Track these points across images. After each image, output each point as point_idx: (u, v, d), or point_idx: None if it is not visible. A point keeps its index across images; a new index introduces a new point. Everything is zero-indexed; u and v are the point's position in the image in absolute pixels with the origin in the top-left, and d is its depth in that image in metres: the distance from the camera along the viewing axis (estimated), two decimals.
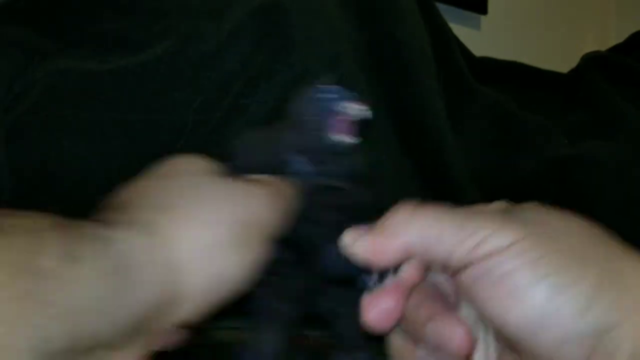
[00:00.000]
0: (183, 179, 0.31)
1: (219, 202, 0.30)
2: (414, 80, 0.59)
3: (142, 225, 0.28)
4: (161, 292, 0.27)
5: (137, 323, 0.26)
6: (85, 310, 0.24)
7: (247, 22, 0.53)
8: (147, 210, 0.29)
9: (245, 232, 0.30)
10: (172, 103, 0.50)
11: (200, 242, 0.28)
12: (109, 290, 0.24)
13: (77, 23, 0.53)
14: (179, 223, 0.28)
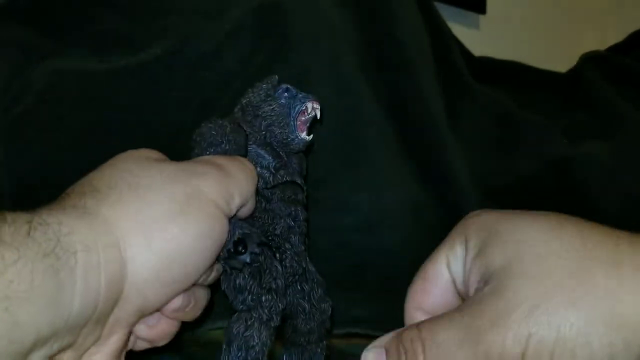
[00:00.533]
0: (124, 165, 0.31)
1: (158, 179, 0.30)
2: (413, 80, 0.59)
3: (77, 208, 0.28)
4: (104, 273, 0.27)
5: (83, 311, 0.26)
6: (17, 298, 0.23)
7: (247, 22, 0.52)
8: (84, 195, 0.29)
9: (188, 205, 0.30)
10: (171, 103, 0.50)
11: (139, 218, 0.29)
12: (41, 274, 0.24)
13: (76, 23, 0.53)
14: (116, 204, 0.29)
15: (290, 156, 0.40)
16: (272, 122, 0.38)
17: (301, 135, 0.38)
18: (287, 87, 0.39)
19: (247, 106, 0.40)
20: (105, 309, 0.28)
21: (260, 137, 0.38)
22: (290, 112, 0.38)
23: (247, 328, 0.34)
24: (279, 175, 0.38)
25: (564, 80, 0.84)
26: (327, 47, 0.54)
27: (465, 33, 0.94)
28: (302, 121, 0.39)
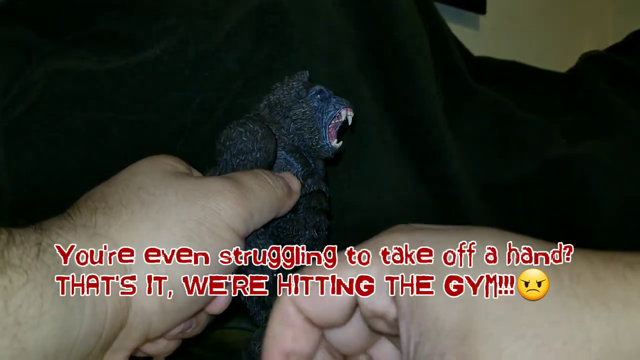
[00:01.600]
0: (139, 180, 0.30)
1: (172, 200, 0.29)
2: (412, 80, 0.59)
3: (87, 228, 0.27)
4: (111, 298, 0.26)
5: (89, 338, 0.25)
6: (26, 324, 0.23)
7: (246, 22, 0.52)
8: (96, 212, 0.28)
9: (199, 230, 0.29)
10: (171, 103, 0.50)
11: (147, 243, 0.28)
12: (50, 298, 0.24)
13: (76, 23, 0.53)
14: (127, 225, 0.28)
15: (317, 161, 0.38)
16: (302, 126, 0.36)
17: (332, 143, 0.37)
18: (320, 88, 0.37)
19: (276, 105, 0.37)
20: (109, 337, 0.27)
21: (289, 140, 0.36)
22: (322, 117, 0.36)
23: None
24: (307, 185, 0.36)
25: (564, 80, 0.84)
26: (327, 47, 0.54)
27: (465, 33, 0.94)
28: (333, 127, 0.37)
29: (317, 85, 0.38)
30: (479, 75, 0.75)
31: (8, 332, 0.22)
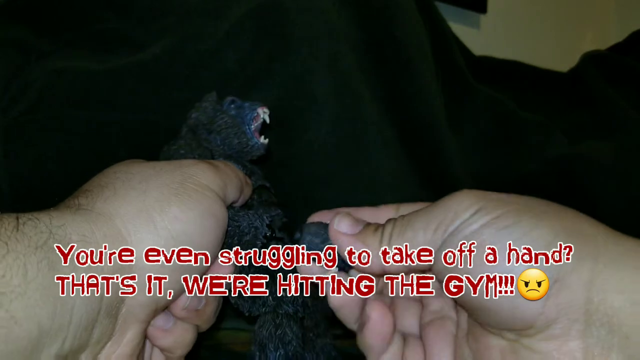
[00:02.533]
0: (115, 168, 0.32)
1: (151, 173, 0.30)
2: (413, 79, 0.59)
3: (70, 207, 0.28)
4: (107, 265, 0.26)
5: (88, 302, 0.25)
6: (11, 292, 0.23)
7: (246, 22, 0.52)
8: (77, 197, 0.29)
9: (183, 187, 0.30)
10: (171, 103, 0.50)
11: (137, 205, 0.29)
12: (34, 266, 0.24)
13: (75, 23, 0.53)
14: (111, 198, 0.29)
15: (251, 163, 0.40)
16: (227, 135, 0.39)
17: (260, 140, 0.39)
18: (232, 99, 0.40)
19: (197, 126, 0.40)
20: (113, 299, 0.27)
21: (220, 150, 0.39)
22: (243, 120, 0.39)
23: (278, 327, 0.34)
24: (252, 181, 0.39)
25: (565, 80, 0.84)
26: (327, 47, 0.54)
27: (466, 32, 0.94)
28: (255, 127, 0.40)
29: (229, 97, 0.40)
30: (479, 74, 0.75)
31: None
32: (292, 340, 0.34)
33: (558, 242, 0.25)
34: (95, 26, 0.53)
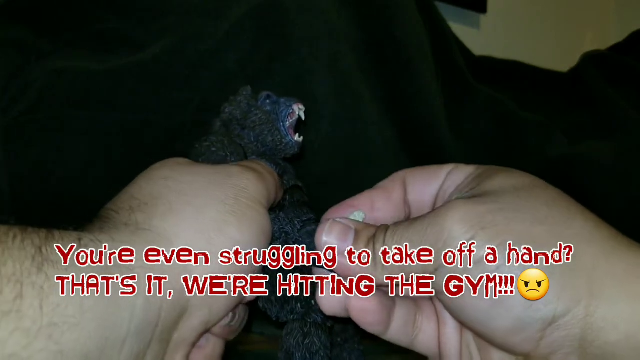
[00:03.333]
0: (161, 173, 0.31)
1: (202, 183, 0.30)
2: (413, 79, 0.59)
3: (129, 225, 0.27)
4: (168, 281, 0.26)
5: (143, 329, 0.24)
6: (64, 324, 0.22)
7: (246, 22, 0.52)
8: (132, 211, 0.28)
9: (238, 205, 0.29)
10: (171, 103, 0.50)
11: (194, 225, 0.28)
12: (92, 294, 0.22)
13: (75, 22, 0.53)
14: (167, 215, 0.28)
15: (285, 162, 0.39)
16: (261, 131, 0.38)
17: (294, 138, 0.38)
18: (267, 94, 0.39)
19: (231, 121, 0.39)
20: (168, 325, 0.26)
21: (253, 147, 0.38)
22: (277, 117, 0.38)
23: (306, 336, 0.33)
24: (285, 181, 0.37)
25: (565, 80, 0.84)
26: (327, 47, 0.54)
27: (466, 32, 0.94)
28: (290, 124, 0.38)
29: (264, 92, 0.39)
30: (479, 74, 0.75)
31: (42, 334, 0.21)
32: (319, 350, 0.33)
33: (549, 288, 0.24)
34: (95, 26, 0.53)
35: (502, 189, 0.27)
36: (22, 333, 0.21)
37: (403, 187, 0.34)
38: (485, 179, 0.29)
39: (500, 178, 0.29)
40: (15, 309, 0.21)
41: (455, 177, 0.31)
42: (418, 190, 0.33)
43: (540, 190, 0.27)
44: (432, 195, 0.33)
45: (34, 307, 0.21)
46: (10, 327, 0.20)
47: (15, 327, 0.20)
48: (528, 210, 0.26)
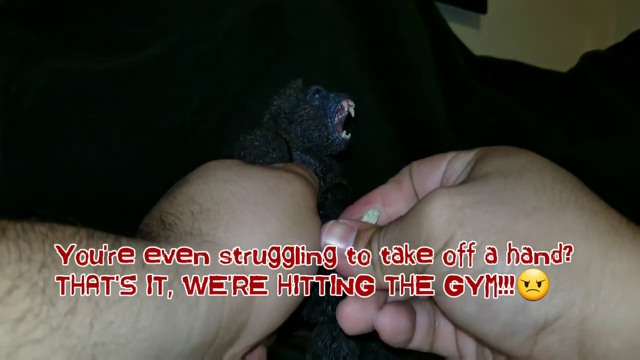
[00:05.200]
0: (220, 174, 0.29)
1: (264, 190, 0.28)
2: (413, 79, 0.59)
3: (194, 236, 0.25)
4: (228, 305, 0.24)
5: (198, 348, 0.23)
6: (113, 343, 0.20)
7: (247, 22, 0.52)
8: (195, 218, 0.26)
9: (300, 215, 0.28)
10: (171, 103, 0.50)
11: (257, 237, 0.26)
12: (150, 313, 0.21)
13: (75, 22, 0.53)
14: (232, 225, 0.26)
15: (330, 159, 0.38)
16: (308, 126, 0.37)
17: (342, 135, 0.37)
18: (317, 88, 0.38)
19: (279, 114, 0.38)
20: (223, 343, 0.25)
21: (299, 142, 0.37)
22: (326, 113, 0.37)
23: (334, 339, 0.33)
24: (328, 179, 0.37)
25: (565, 80, 0.84)
26: (327, 47, 0.54)
27: (466, 33, 0.94)
28: (338, 121, 0.37)
29: (314, 86, 0.38)
30: (480, 75, 0.75)
31: (85, 354, 0.19)
32: (347, 355, 0.33)
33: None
34: (95, 26, 0.53)
35: (490, 174, 0.25)
36: (65, 351, 0.18)
37: (411, 179, 0.34)
38: (478, 163, 0.27)
39: (495, 161, 0.27)
40: (65, 326, 0.18)
41: (456, 164, 0.30)
42: (423, 180, 0.32)
43: (532, 174, 0.25)
44: (436, 185, 0.31)
45: (84, 325, 0.19)
46: (56, 345, 0.18)
47: (61, 344, 0.18)
48: (512, 201, 0.24)
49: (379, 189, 0.35)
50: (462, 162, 0.30)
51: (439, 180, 0.32)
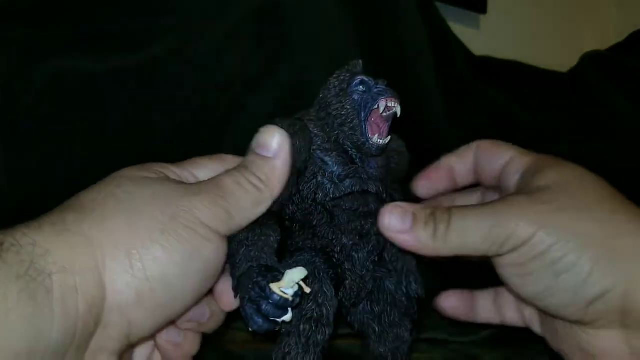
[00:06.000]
0: (118, 181, 0.30)
1: (147, 198, 0.28)
2: (413, 79, 0.59)
3: (55, 225, 0.26)
4: (82, 296, 0.25)
5: (63, 337, 0.24)
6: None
7: (247, 22, 0.52)
8: (67, 209, 0.27)
9: (173, 224, 0.28)
10: (172, 103, 0.50)
11: (121, 238, 0.27)
12: (15, 296, 0.23)
13: (76, 23, 0.53)
14: (98, 221, 0.27)
15: (369, 160, 0.34)
16: (343, 122, 0.33)
17: (372, 139, 0.33)
18: (362, 79, 0.34)
19: (321, 102, 0.35)
20: (84, 335, 0.26)
21: (334, 137, 0.34)
22: (360, 111, 0.33)
23: (285, 355, 0.31)
24: (343, 186, 0.33)
25: (565, 80, 0.84)
26: (327, 47, 0.54)
27: (466, 33, 0.94)
28: (375, 121, 0.33)
29: (359, 76, 0.34)
30: (480, 74, 0.75)
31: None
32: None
33: (594, 275, 0.29)
34: (95, 26, 0.53)
35: (555, 185, 0.32)
36: None
37: (474, 156, 0.40)
38: (538, 173, 0.33)
39: (552, 173, 0.32)
40: None
41: (516, 164, 0.35)
42: (487, 161, 0.39)
43: (589, 185, 0.32)
44: (497, 171, 0.37)
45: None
46: None
47: None
48: (582, 210, 0.31)
49: (445, 158, 0.41)
50: (522, 164, 0.35)
51: (501, 166, 0.37)
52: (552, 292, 0.30)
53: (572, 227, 0.30)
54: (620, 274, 0.29)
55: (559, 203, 0.31)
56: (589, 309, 0.30)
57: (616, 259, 0.29)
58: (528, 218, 0.30)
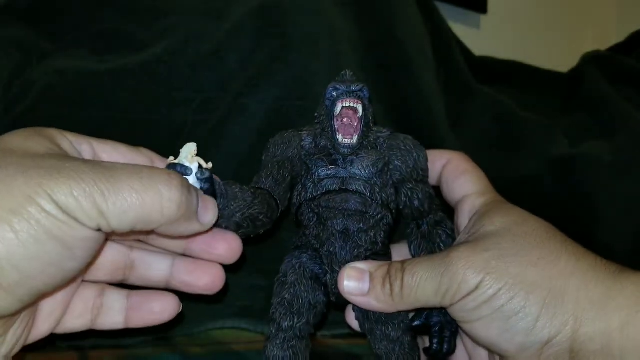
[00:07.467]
0: (6, 145, 0.28)
1: (11, 172, 0.26)
2: (413, 79, 0.59)
3: None
4: None
5: None
6: None
7: (247, 22, 0.52)
8: None
9: (30, 204, 0.26)
10: (171, 103, 0.50)
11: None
12: None
13: (76, 22, 0.53)
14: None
15: (355, 161, 0.35)
16: (323, 128, 0.36)
17: (339, 140, 0.35)
18: (334, 86, 0.36)
19: (320, 107, 0.37)
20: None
21: (321, 142, 0.36)
22: (331, 115, 0.35)
23: (266, 343, 0.35)
24: (321, 186, 0.35)
25: (565, 80, 0.84)
26: (327, 47, 0.54)
27: (466, 32, 0.94)
28: (343, 122, 0.35)
29: (332, 84, 0.36)
30: (480, 74, 0.75)
31: None
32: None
33: (542, 319, 0.31)
34: (96, 26, 0.53)
35: (500, 232, 0.33)
36: None
37: (440, 168, 0.40)
38: (485, 218, 0.35)
39: (498, 218, 0.34)
40: None
41: (470, 205, 0.37)
42: (448, 188, 0.39)
43: (532, 230, 0.33)
44: (455, 200, 0.38)
45: None
46: None
47: None
48: (524, 254, 0.32)
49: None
50: (471, 207, 0.37)
51: (458, 198, 0.38)
52: (506, 337, 0.31)
53: (516, 272, 0.31)
54: (566, 316, 0.31)
55: (502, 249, 0.32)
56: (542, 353, 0.31)
57: (561, 301, 0.31)
58: (474, 267, 0.32)
